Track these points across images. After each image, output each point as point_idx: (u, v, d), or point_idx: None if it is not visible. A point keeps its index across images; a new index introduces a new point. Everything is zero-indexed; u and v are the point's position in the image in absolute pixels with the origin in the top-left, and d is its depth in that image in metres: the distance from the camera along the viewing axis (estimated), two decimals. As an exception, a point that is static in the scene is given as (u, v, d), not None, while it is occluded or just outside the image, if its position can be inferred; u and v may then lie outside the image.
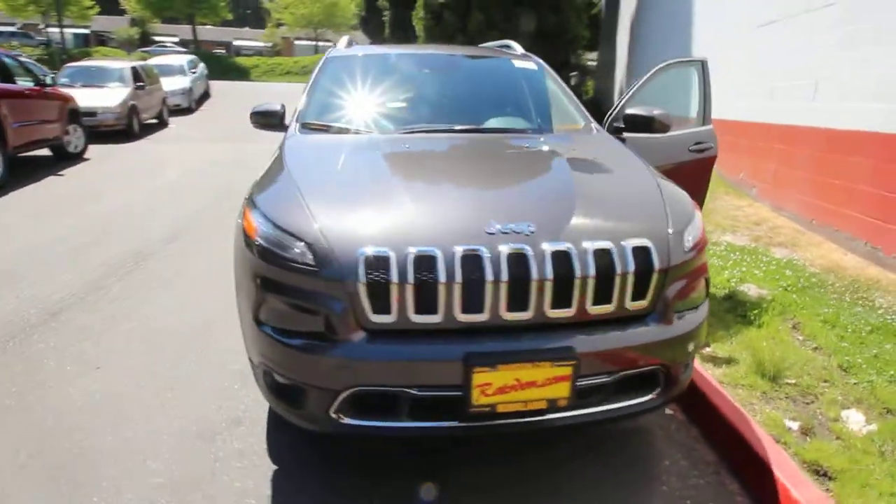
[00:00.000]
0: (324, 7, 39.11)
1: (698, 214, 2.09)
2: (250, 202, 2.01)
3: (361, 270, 1.65)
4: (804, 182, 4.99)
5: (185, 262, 4.34)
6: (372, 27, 19.28)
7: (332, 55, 3.33)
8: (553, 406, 1.72)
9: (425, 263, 1.65)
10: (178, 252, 4.60)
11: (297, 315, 1.75)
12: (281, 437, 2.27)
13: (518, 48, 3.69)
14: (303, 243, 1.74)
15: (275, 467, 2.11)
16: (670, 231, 1.87)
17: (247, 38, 47.07)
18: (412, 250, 1.66)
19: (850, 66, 4.42)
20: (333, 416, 1.76)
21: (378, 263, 1.65)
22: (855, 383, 2.64)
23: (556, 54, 11.68)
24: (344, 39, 3.63)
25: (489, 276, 1.64)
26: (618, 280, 1.73)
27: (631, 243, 1.76)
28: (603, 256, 1.72)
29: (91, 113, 10.27)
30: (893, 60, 4.00)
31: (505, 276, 1.65)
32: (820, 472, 2.04)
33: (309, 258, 1.71)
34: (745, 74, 6.15)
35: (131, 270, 4.15)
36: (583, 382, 1.74)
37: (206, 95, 18.54)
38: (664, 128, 3.01)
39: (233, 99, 18.89)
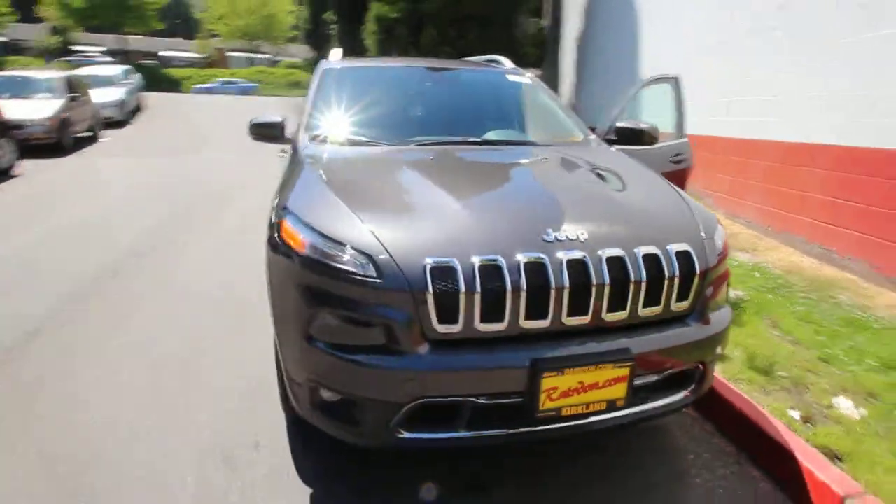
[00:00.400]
0: (260, 19, 38.36)
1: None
2: (286, 214, 1.97)
3: (428, 280, 1.66)
4: (760, 191, 5.39)
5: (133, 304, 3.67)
6: (317, 40, 19.08)
7: (328, 67, 3.30)
8: (612, 406, 1.79)
9: (491, 272, 1.69)
10: (127, 286, 4.01)
11: (354, 328, 1.74)
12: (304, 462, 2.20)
13: (507, 63, 3.80)
14: (361, 254, 1.73)
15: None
16: (703, 236, 2.00)
17: (178, 49, 45.29)
18: (476, 259, 1.69)
19: (798, 84, 4.84)
20: (393, 430, 1.75)
21: (444, 273, 1.67)
22: (839, 373, 2.88)
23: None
24: (337, 52, 3.61)
25: (553, 282, 1.70)
26: (666, 283, 1.83)
27: (674, 248, 1.87)
28: (652, 261, 1.82)
29: (18, 126, 9.60)
30: (833, 80, 4.42)
31: (566, 282, 1.71)
32: (830, 455, 2.22)
33: (371, 270, 1.70)
34: (700, 91, 6.58)
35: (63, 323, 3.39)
36: (636, 382, 1.82)
37: (138, 108, 17.69)
38: (652, 140, 3.20)
39: (168, 111, 18.12)
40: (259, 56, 42.85)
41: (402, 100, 3.10)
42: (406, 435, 1.76)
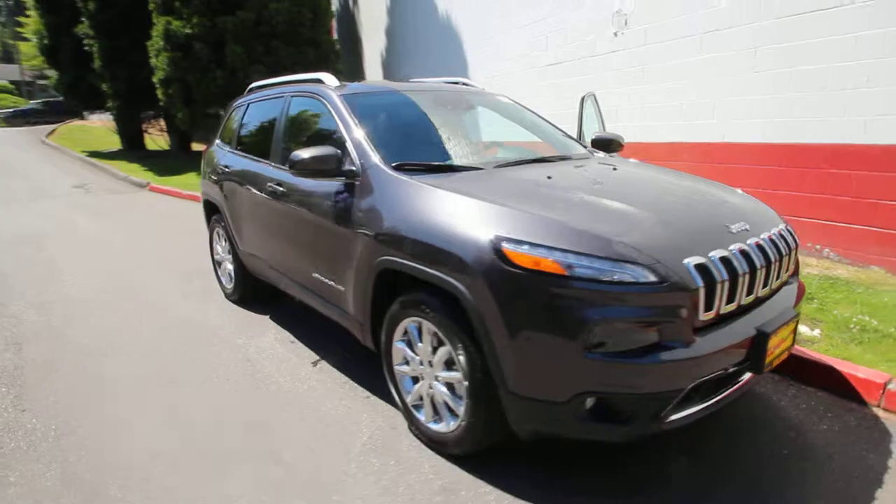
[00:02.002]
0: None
1: None
2: (509, 242, 1.97)
3: (698, 277, 1.91)
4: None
5: None
6: (64, 60, 15.84)
7: (346, 94, 3.11)
8: (788, 350, 2.28)
9: (727, 264, 2.01)
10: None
11: (633, 332, 1.88)
12: None
13: (474, 84, 4.04)
14: (631, 264, 1.88)
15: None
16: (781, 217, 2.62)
17: None
18: (714, 254, 1.99)
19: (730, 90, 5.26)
20: (663, 417, 1.95)
21: (704, 269, 1.94)
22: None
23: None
24: (331, 76, 3.39)
25: (759, 263, 2.11)
26: (793, 253, 2.39)
27: (783, 226, 2.44)
28: (784, 237, 2.35)
29: None
30: (759, 87, 5.20)
31: (762, 262, 2.14)
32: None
33: (650, 276, 1.86)
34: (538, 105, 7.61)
35: None
36: (791, 330, 2.34)
37: None
38: (619, 147, 3.82)
39: None
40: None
41: (444, 124, 3.13)
42: (672, 417, 1.96)
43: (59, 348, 3.68)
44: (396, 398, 2.63)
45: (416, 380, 2.53)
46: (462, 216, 2.18)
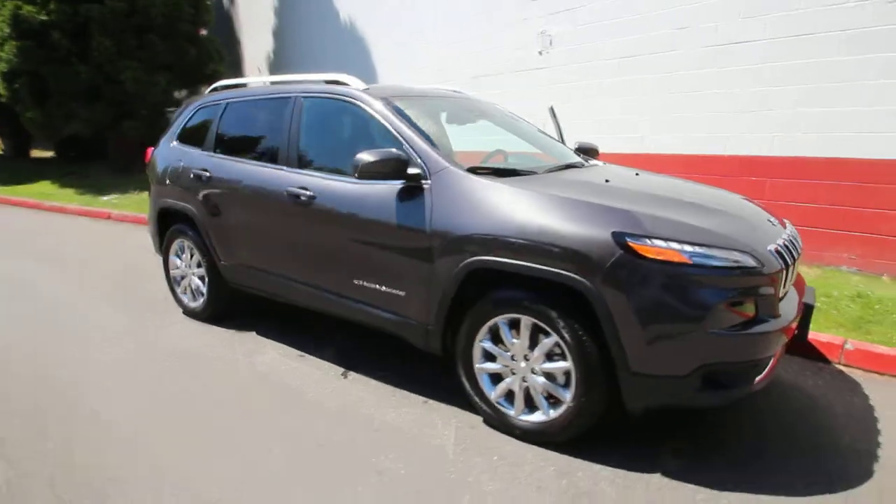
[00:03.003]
0: None
1: None
2: (637, 238, 2.18)
3: (779, 260, 2.29)
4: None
5: None
6: None
7: (387, 96, 3.06)
8: None
9: (786, 250, 2.42)
10: None
11: (742, 308, 2.20)
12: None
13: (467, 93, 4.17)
14: (738, 252, 2.20)
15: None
16: None
17: None
18: (773, 246, 2.38)
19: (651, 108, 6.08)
20: (753, 379, 2.28)
21: (780, 254, 2.33)
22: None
23: (195, 88, 11.05)
24: (354, 79, 3.29)
25: (796, 252, 2.56)
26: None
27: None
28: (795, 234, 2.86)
29: None
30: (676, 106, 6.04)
31: (798, 250, 2.60)
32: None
33: (750, 261, 2.19)
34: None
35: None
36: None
37: None
38: (597, 154, 4.24)
39: None
40: None
41: (475, 130, 3.24)
42: (758, 380, 2.31)
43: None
44: (475, 398, 2.67)
45: (498, 377, 2.61)
46: (573, 216, 2.33)
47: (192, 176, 3.83)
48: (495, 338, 2.58)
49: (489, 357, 2.62)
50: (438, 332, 2.72)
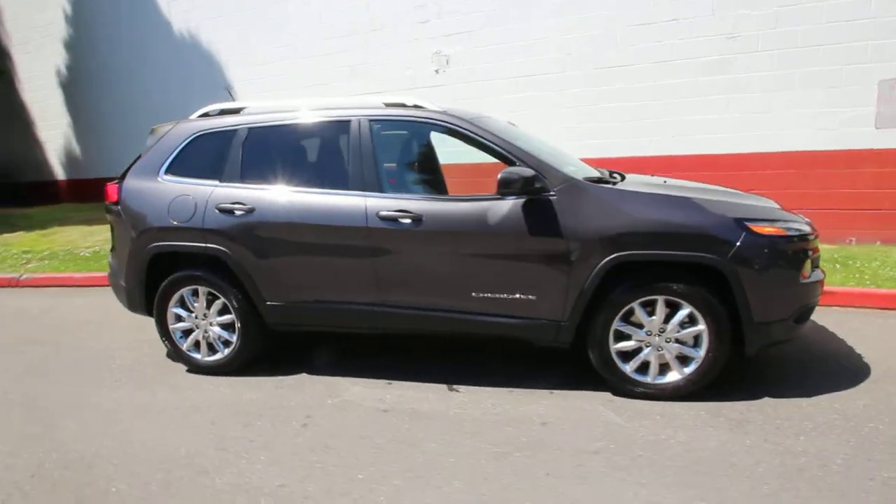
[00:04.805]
0: None
1: None
2: (751, 221, 2.89)
3: (812, 229, 3.20)
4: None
5: None
6: None
7: (473, 118, 3.25)
8: None
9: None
10: None
11: (811, 263, 3.05)
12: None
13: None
14: (806, 225, 3.06)
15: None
16: None
17: None
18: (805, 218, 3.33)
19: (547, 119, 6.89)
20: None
21: (810, 225, 3.25)
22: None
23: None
24: (428, 101, 3.33)
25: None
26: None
27: None
28: None
29: None
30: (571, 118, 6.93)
31: None
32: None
33: (809, 230, 3.06)
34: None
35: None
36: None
37: None
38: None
39: None
40: None
41: (541, 147, 3.59)
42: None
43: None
44: (611, 377, 3.08)
45: (629, 355, 3.07)
46: (696, 209, 2.94)
47: (217, 212, 3.38)
48: (636, 319, 3.02)
49: (621, 338, 3.05)
50: (573, 326, 3.05)
